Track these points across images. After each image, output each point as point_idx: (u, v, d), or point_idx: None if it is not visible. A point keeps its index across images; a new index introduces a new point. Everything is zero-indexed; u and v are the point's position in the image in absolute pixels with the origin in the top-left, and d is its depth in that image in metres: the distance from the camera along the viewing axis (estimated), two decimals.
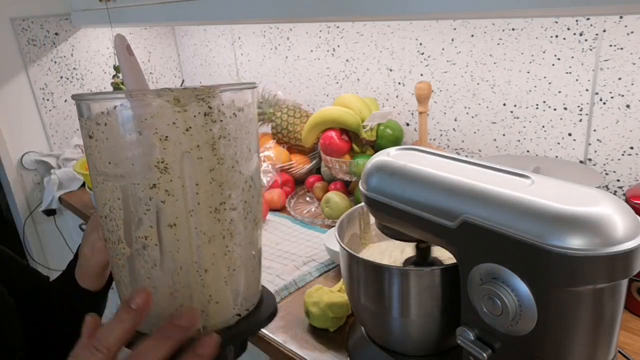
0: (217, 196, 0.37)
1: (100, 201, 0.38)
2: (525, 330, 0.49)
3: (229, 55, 1.79)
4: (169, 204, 0.36)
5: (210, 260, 0.38)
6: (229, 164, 0.37)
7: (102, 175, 0.37)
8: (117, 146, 0.35)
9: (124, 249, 0.38)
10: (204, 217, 0.37)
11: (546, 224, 0.45)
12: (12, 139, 1.67)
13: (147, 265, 0.37)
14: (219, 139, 0.36)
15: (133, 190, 0.36)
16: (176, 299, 0.38)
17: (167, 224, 0.36)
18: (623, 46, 0.89)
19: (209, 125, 0.35)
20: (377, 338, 0.70)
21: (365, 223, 0.80)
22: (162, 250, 0.37)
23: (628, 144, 0.93)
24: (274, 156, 1.33)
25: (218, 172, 0.37)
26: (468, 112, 1.15)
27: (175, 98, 0.34)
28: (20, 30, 1.63)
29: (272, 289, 0.91)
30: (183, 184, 0.35)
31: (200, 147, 0.35)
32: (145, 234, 0.36)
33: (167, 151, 0.35)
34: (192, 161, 0.35)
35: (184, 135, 0.35)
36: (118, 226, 0.37)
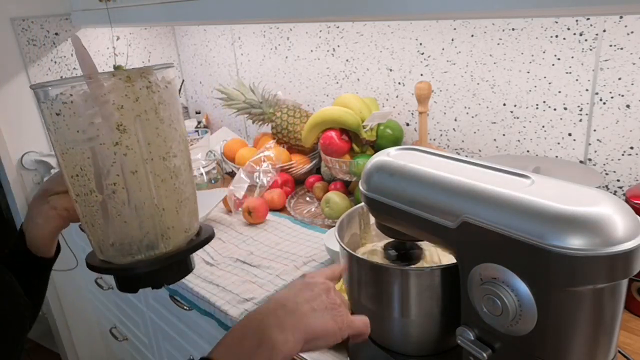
0: (163, 147, 0.50)
1: (69, 165, 0.49)
2: (525, 330, 0.49)
3: (229, 55, 1.79)
4: (129, 155, 0.48)
5: (164, 196, 0.50)
6: (167, 122, 0.50)
7: (71, 142, 0.48)
8: (84, 117, 0.46)
9: (97, 197, 0.49)
10: (156, 163, 0.49)
11: (546, 224, 0.45)
12: (12, 139, 1.67)
13: (117, 205, 0.49)
14: (159, 105, 0.49)
15: (100, 150, 0.47)
16: (143, 228, 0.50)
17: (130, 171, 0.48)
18: (623, 46, 0.89)
19: (150, 95, 0.48)
20: (377, 338, 0.70)
21: (365, 223, 0.80)
22: (128, 192, 0.48)
23: (628, 144, 0.93)
24: (274, 156, 1.33)
25: (161, 129, 0.49)
26: (468, 112, 1.15)
27: (127, 76, 0.46)
28: (20, 30, 1.63)
29: (272, 289, 0.91)
30: (138, 140, 0.48)
31: (147, 112, 0.48)
32: (114, 181, 0.48)
33: (124, 117, 0.47)
34: (143, 122, 0.48)
35: (135, 104, 0.47)
36: (90, 180, 0.48)
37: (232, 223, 1.22)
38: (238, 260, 1.04)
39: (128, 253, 0.51)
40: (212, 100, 1.96)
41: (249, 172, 1.32)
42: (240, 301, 0.89)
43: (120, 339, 1.64)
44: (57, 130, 0.48)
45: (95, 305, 1.82)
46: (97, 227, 0.51)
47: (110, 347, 1.88)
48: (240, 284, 0.95)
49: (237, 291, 0.92)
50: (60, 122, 0.47)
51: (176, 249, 0.52)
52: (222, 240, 1.13)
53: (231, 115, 1.82)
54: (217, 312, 0.90)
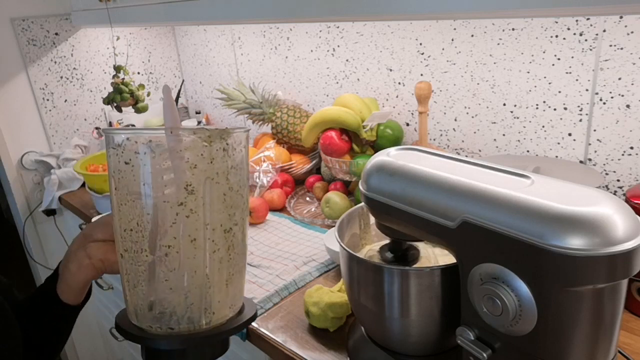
0: (226, 214, 0.46)
1: (127, 217, 0.45)
2: (525, 330, 0.49)
3: (229, 55, 1.79)
4: (191, 219, 0.44)
5: (217, 266, 0.46)
6: (235, 188, 0.47)
7: (134, 194, 0.44)
8: (154, 171, 0.43)
9: (147, 257, 0.45)
10: (216, 231, 0.45)
11: (546, 224, 0.45)
12: (12, 139, 1.67)
13: (166, 269, 0.45)
14: (231, 169, 0.46)
15: (163, 207, 0.44)
16: (188, 299, 0.45)
17: (188, 235, 0.44)
18: (623, 46, 0.89)
19: (225, 158, 0.45)
20: (377, 338, 0.70)
21: (365, 223, 0.80)
22: (181, 257, 0.44)
23: (628, 144, 0.93)
24: (274, 156, 1.33)
25: (228, 196, 0.46)
26: (468, 112, 1.15)
27: (208, 135, 0.43)
28: (20, 30, 1.63)
29: (272, 289, 0.91)
30: (204, 203, 0.44)
31: (219, 175, 0.45)
32: (169, 243, 0.44)
33: (195, 177, 0.43)
34: (212, 185, 0.44)
35: (209, 165, 0.44)
36: (144, 237, 0.45)
37: None
38: None
39: (166, 323, 0.46)
40: (212, 100, 1.96)
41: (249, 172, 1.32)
42: None
43: (120, 339, 1.63)
44: (122, 180, 0.45)
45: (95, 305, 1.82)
46: (139, 289, 0.47)
47: (110, 347, 1.88)
48: None
49: None
50: (126, 171, 0.44)
51: (217, 325, 0.47)
52: None
53: (231, 115, 1.82)
54: None
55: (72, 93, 1.79)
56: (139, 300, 0.47)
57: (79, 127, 1.83)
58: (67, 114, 1.78)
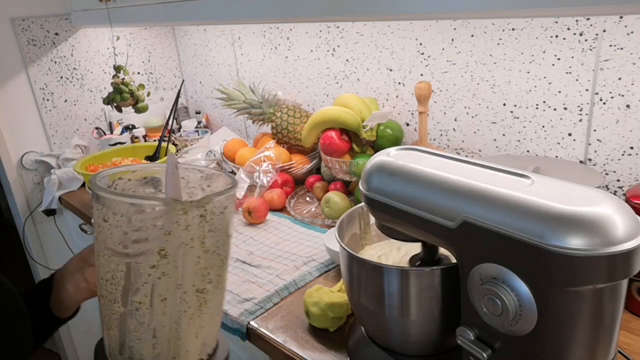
0: (200, 275, 0.46)
1: (103, 269, 0.47)
2: (525, 330, 0.49)
3: (229, 55, 1.79)
4: (163, 280, 0.45)
5: (187, 321, 0.47)
6: (212, 250, 0.47)
7: (109, 250, 0.45)
8: (129, 234, 0.44)
9: (119, 308, 0.46)
10: (188, 293, 0.46)
11: (546, 224, 0.45)
12: (12, 139, 1.67)
13: (136, 322, 0.46)
14: (207, 233, 0.46)
15: (136, 267, 0.44)
16: (155, 349, 0.47)
17: (159, 295, 0.45)
18: (623, 46, 0.89)
19: (202, 224, 0.45)
20: (377, 338, 0.70)
21: (365, 223, 0.80)
22: (151, 314, 0.45)
23: (628, 144, 0.93)
24: (274, 156, 1.33)
25: (203, 258, 0.46)
26: (468, 112, 1.15)
27: (183, 208, 0.43)
28: (20, 30, 1.63)
29: (272, 289, 0.91)
30: (176, 266, 0.44)
31: (194, 240, 0.45)
32: (140, 300, 0.45)
33: (169, 242, 0.44)
34: (186, 250, 0.45)
35: (184, 231, 0.44)
36: (117, 290, 0.46)
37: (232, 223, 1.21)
38: (238, 260, 1.04)
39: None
40: (212, 100, 1.96)
41: (249, 172, 1.32)
42: (240, 301, 0.89)
43: None
44: (100, 234, 0.46)
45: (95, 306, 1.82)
46: (111, 332, 0.49)
47: None
48: (240, 284, 0.95)
49: (237, 291, 0.92)
50: (104, 228, 0.45)
51: None
52: None
53: (231, 115, 1.82)
54: None
55: (72, 93, 1.79)
56: (111, 342, 0.49)
57: (79, 127, 1.83)
58: (67, 114, 1.78)
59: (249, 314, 0.86)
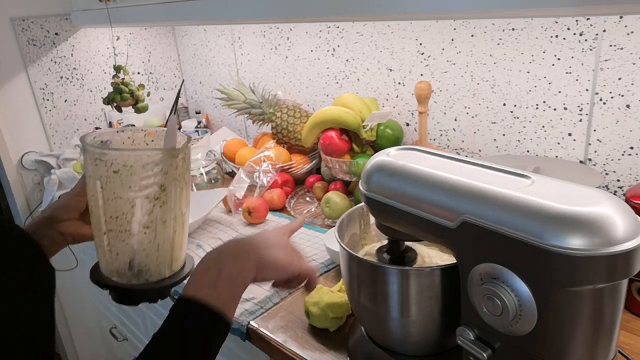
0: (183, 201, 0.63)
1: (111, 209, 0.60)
2: (525, 330, 0.49)
3: (229, 55, 1.79)
4: (163, 208, 0.61)
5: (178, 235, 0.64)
6: (187, 182, 0.64)
7: (120, 193, 0.59)
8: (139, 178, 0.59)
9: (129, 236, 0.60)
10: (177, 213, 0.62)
11: (546, 224, 0.45)
12: (12, 139, 1.67)
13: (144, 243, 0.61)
14: (185, 170, 0.62)
15: (143, 202, 0.59)
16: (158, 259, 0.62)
17: (160, 218, 0.61)
18: (623, 46, 0.89)
19: (183, 164, 0.61)
20: (377, 338, 0.70)
21: (365, 223, 0.80)
22: (156, 234, 0.61)
23: (628, 144, 0.93)
24: (274, 156, 1.33)
25: (184, 188, 0.63)
26: (468, 112, 1.15)
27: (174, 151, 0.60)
28: (20, 30, 1.63)
29: (272, 289, 0.91)
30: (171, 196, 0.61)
31: (180, 175, 0.61)
32: (148, 225, 0.61)
33: (166, 179, 0.60)
34: (176, 184, 0.61)
35: (174, 170, 0.60)
36: (128, 222, 0.60)
37: (232, 223, 1.22)
38: None
39: (143, 277, 0.63)
40: (212, 100, 1.96)
41: (249, 172, 1.32)
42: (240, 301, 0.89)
43: (120, 339, 1.64)
44: (109, 184, 0.59)
45: (95, 305, 1.82)
46: (121, 256, 0.62)
47: (110, 347, 1.88)
48: None
49: None
50: (114, 178, 0.58)
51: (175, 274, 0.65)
52: (222, 240, 1.13)
53: (231, 115, 1.82)
54: None
55: (72, 93, 1.79)
56: (120, 264, 0.62)
57: (79, 127, 1.83)
58: (67, 114, 1.78)
59: (249, 314, 0.86)
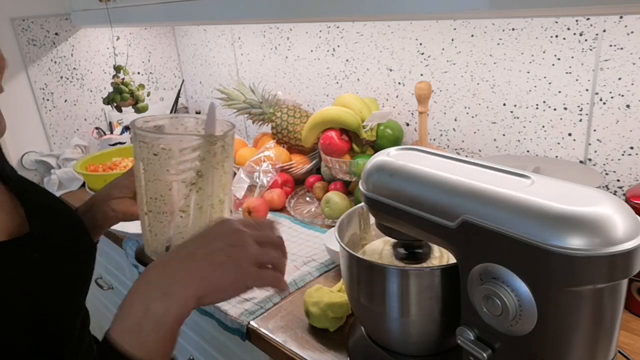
0: (221, 188, 0.64)
1: (151, 190, 0.62)
2: (525, 330, 0.49)
3: (229, 55, 1.79)
4: (200, 193, 0.61)
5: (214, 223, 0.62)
6: (227, 170, 0.64)
7: (159, 176, 0.60)
8: (177, 161, 0.60)
9: (167, 217, 0.62)
10: (214, 201, 0.63)
11: (546, 224, 0.45)
12: (12, 139, 1.67)
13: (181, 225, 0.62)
14: (225, 158, 0.63)
15: (180, 186, 0.61)
16: None
17: (196, 204, 0.62)
18: (623, 46, 0.89)
19: (223, 152, 0.62)
20: (377, 338, 0.70)
21: (365, 223, 0.80)
22: (191, 219, 0.62)
23: (628, 144, 0.93)
24: (274, 156, 1.33)
25: (223, 177, 0.63)
26: (468, 112, 1.15)
27: (211, 138, 0.60)
28: (20, 30, 1.63)
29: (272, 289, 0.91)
30: (208, 183, 0.61)
31: (219, 163, 0.62)
32: (184, 209, 0.62)
33: (203, 166, 0.60)
34: (214, 171, 0.61)
35: (213, 158, 0.61)
36: (165, 204, 0.61)
37: None
38: None
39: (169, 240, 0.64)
40: (212, 100, 1.96)
41: (249, 172, 1.32)
42: (240, 301, 0.89)
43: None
44: (149, 165, 0.61)
45: (95, 306, 1.82)
46: (159, 237, 0.64)
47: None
48: None
49: None
50: (154, 160, 0.60)
51: None
52: None
53: (231, 115, 1.82)
54: (216, 312, 0.90)
55: (72, 93, 1.79)
56: (158, 245, 0.64)
57: (79, 127, 1.83)
58: (67, 114, 1.78)
59: (249, 314, 0.86)
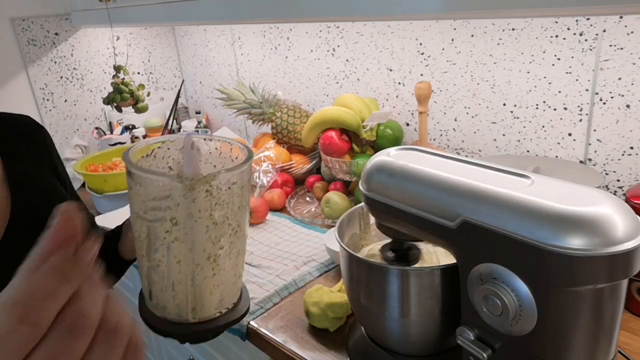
0: (210, 242, 0.51)
1: (133, 227, 0.53)
2: (525, 330, 0.49)
3: (229, 55, 1.79)
4: (177, 244, 0.50)
5: (201, 281, 0.52)
6: (220, 221, 0.51)
7: (135, 213, 0.52)
8: (146, 202, 0.50)
9: (145, 262, 0.52)
10: (200, 255, 0.51)
11: (546, 224, 0.45)
12: None
13: (158, 276, 0.52)
14: (214, 206, 0.50)
15: (153, 230, 0.50)
16: (175, 300, 0.53)
17: (174, 256, 0.50)
18: (623, 46, 0.89)
19: (208, 198, 0.49)
20: (377, 338, 0.70)
21: (365, 223, 0.80)
22: (169, 271, 0.51)
23: (628, 144, 0.93)
24: (274, 156, 1.33)
25: (212, 229, 0.51)
26: (468, 112, 1.15)
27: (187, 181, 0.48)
28: (20, 30, 1.63)
29: (272, 289, 0.91)
30: (187, 233, 0.50)
31: (201, 212, 0.49)
32: (159, 258, 0.51)
33: (179, 212, 0.49)
34: (194, 220, 0.49)
35: (191, 204, 0.49)
36: (142, 247, 0.52)
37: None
38: None
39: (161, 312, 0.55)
40: (212, 100, 1.96)
41: None
42: None
43: None
44: (129, 198, 0.52)
45: None
46: (144, 282, 0.56)
47: None
48: None
49: None
50: (132, 194, 0.51)
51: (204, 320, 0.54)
52: None
53: (231, 115, 1.82)
54: None
55: (72, 93, 1.79)
56: (144, 289, 0.56)
57: (79, 127, 1.83)
58: (67, 114, 1.78)
59: (249, 314, 0.86)
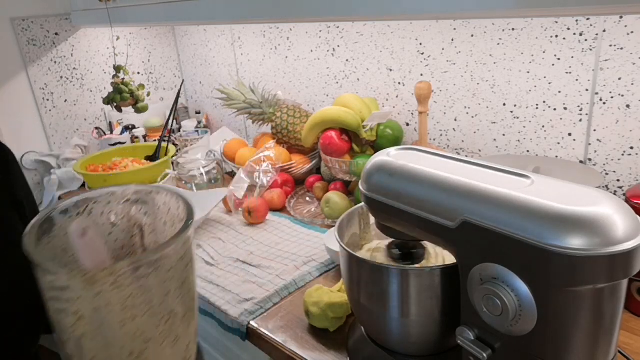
0: (129, 337, 0.43)
1: None
2: (525, 330, 0.49)
3: (229, 55, 1.79)
4: (86, 340, 0.43)
5: None
6: (142, 312, 0.43)
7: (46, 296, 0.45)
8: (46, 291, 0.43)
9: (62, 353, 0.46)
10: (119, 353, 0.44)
11: (546, 224, 0.45)
12: (12, 139, 1.67)
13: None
14: (128, 298, 0.42)
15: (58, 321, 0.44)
16: None
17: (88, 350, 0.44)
18: (623, 46, 0.89)
19: (117, 291, 0.41)
20: (377, 338, 0.70)
21: (365, 223, 0.80)
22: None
23: (628, 144, 0.93)
24: (274, 156, 1.33)
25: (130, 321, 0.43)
26: (468, 112, 1.15)
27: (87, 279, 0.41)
28: (20, 30, 1.63)
29: (272, 289, 0.91)
30: (96, 328, 0.43)
31: (110, 305, 0.42)
32: (71, 352, 0.45)
33: (81, 306, 0.42)
34: (104, 314, 0.42)
35: (95, 298, 0.41)
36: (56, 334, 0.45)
37: (232, 223, 1.22)
38: (238, 260, 1.04)
39: None
40: (212, 100, 1.96)
41: (249, 172, 1.32)
42: (240, 301, 0.89)
43: None
44: None
45: None
46: None
47: None
48: (240, 284, 0.95)
49: (237, 291, 0.92)
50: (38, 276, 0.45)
51: None
52: (222, 240, 1.13)
53: (231, 115, 1.82)
54: (217, 312, 0.90)
55: (72, 93, 1.79)
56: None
57: (79, 127, 1.83)
58: (67, 114, 1.78)
59: (249, 314, 0.86)
